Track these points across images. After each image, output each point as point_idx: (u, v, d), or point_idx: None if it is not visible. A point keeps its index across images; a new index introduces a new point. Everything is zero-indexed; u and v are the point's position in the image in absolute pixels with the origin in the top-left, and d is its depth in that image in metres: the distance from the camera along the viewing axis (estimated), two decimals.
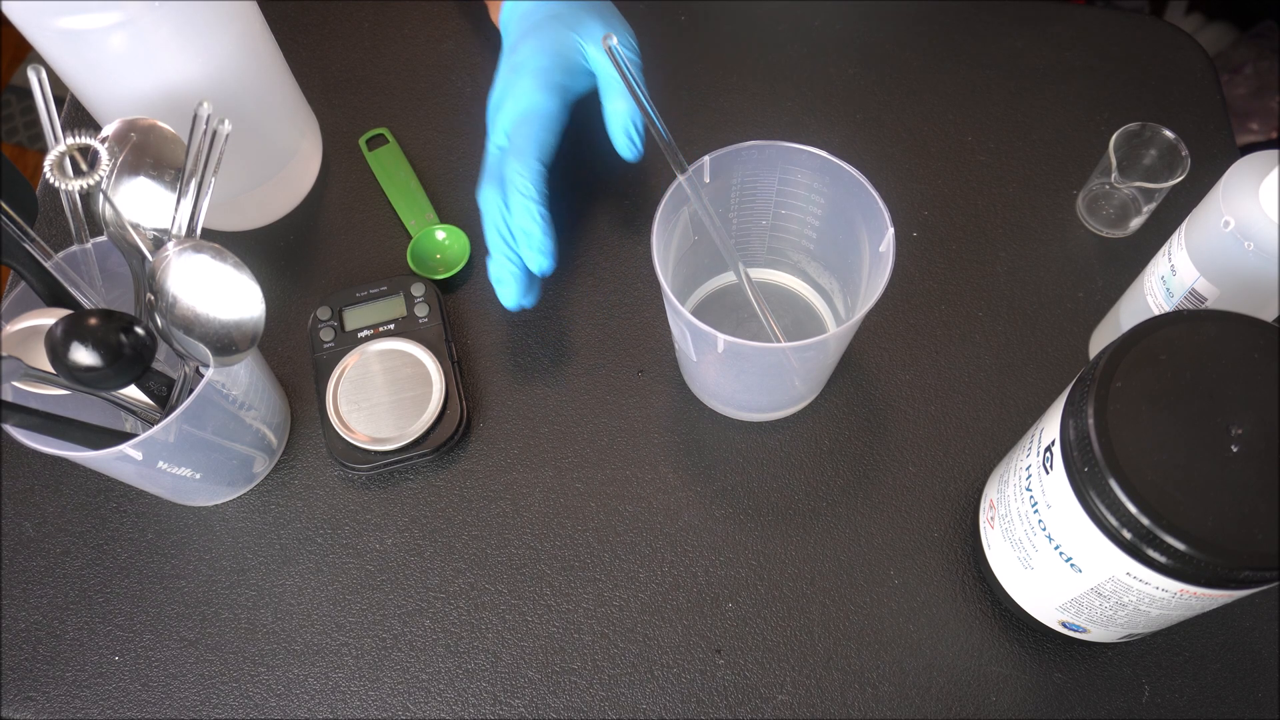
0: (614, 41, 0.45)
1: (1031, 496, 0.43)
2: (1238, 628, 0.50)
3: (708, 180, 0.49)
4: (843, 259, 0.53)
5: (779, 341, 0.53)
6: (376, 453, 0.53)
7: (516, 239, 0.53)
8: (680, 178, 0.47)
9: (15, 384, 0.45)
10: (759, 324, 0.53)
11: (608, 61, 0.53)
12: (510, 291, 0.54)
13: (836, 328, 0.52)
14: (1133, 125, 0.57)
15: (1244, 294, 0.45)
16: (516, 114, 0.54)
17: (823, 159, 0.48)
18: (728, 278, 0.57)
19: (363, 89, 0.67)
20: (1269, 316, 0.45)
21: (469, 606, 0.52)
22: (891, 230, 0.45)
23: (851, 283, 0.52)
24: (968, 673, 0.50)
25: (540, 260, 0.52)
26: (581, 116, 0.57)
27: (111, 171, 0.45)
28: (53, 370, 0.41)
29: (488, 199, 0.54)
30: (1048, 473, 0.41)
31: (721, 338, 0.44)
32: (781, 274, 0.58)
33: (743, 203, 0.52)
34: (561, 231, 0.53)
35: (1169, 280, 0.48)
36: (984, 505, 0.50)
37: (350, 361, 0.55)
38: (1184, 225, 0.48)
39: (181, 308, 0.43)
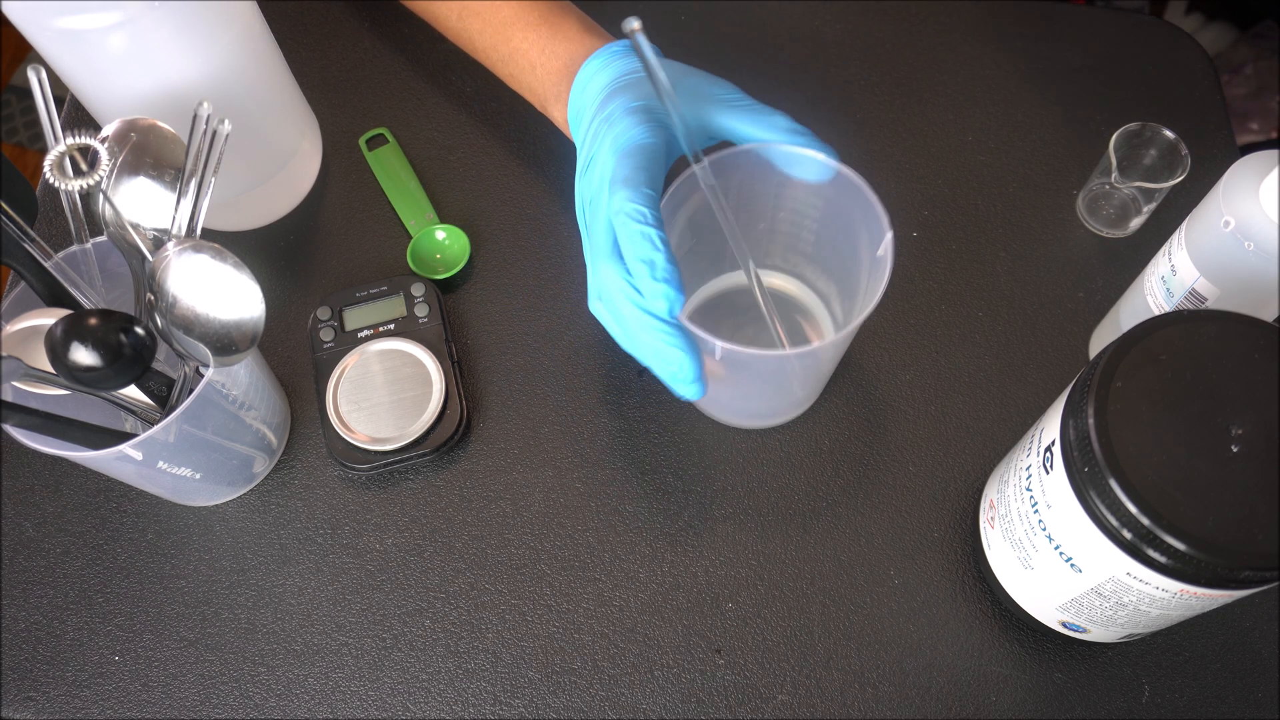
0: (636, 26, 0.40)
1: (1031, 496, 0.42)
2: (1238, 628, 0.50)
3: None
4: (841, 262, 0.52)
5: (783, 344, 0.53)
6: (376, 453, 0.53)
7: (635, 277, 0.43)
8: (694, 166, 0.45)
9: (15, 384, 0.45)
10: (756, 329, 0.52)
11: (733, 107, 0.48)
12: (686, 370, 0.44)
13: (834, 332, 0.52)
14: (1133, 125, 0.57)
15: (1244, 294, 0.45)
16: (617, 154, 0.45)
17: (821, 162, 0.47)
18: (725, 282, 0.57)
19: (363, 89, 0.67)
20: (1269, 316, 0.45)
21: (469, 606, 0.52)
22: (890, 234, 0.45)
23: (850, 286, 0.52)
24: (968, 673, 0.50)
25: (668, 292, 0.42)
26: None
27: (111, 171, 0.45)
28: (53, 370, 0.41)
29: (607, 282, 0.45)
30: (1048, 473, 0.41)
31: (719, 344, 0.44)
32: (779, 277, 0.58)
33: (741, 206, 0.52)
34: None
35: (1169, 280, 0.48)
36: (984, 505, 0.50)
37: (350, 361, 0.55)
38: (1184, 225, 0.48)
39: (181, 308, 0.43)
